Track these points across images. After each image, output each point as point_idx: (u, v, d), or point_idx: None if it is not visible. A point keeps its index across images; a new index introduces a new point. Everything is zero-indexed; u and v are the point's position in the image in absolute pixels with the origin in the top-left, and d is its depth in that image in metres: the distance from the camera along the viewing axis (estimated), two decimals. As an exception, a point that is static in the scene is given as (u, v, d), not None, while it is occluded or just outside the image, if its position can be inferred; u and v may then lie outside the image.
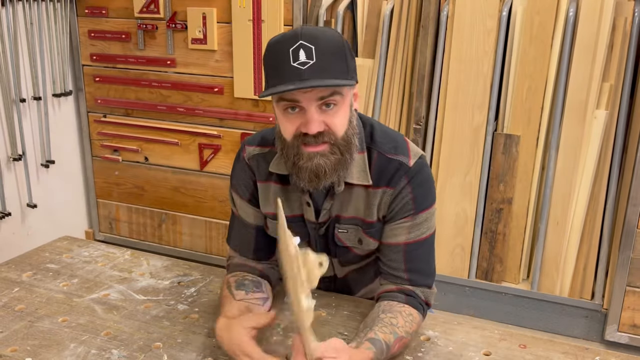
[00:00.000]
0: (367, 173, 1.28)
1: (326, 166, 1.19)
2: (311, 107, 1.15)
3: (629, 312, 2.41)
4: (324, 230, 1.35)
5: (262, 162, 1.36)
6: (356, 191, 1.30)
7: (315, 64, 1.12)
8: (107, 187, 3.18)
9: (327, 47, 1.14)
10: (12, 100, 2.68)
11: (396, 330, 1.22)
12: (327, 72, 1.13)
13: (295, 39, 1.13)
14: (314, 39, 1.13)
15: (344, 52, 1.18)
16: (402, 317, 1.25)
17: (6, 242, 2.74)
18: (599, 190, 2.45)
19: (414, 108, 2.62)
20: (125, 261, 1.65)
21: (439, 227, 2.65)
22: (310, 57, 1.12)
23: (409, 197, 1.28)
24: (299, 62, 1.12)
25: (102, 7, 2.90)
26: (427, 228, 1.31)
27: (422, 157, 1.31)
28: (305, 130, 1.16)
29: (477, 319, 2.67)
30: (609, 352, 1.27)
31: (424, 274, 1.32)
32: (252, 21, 2.60)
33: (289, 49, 1.13)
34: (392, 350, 1.20)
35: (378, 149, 1.29)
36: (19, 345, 1.26)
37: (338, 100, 1.17)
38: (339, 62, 1.16)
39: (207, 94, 2.81)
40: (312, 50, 1.13)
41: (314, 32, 1.16)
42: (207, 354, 1.23)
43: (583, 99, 2.37)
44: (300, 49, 1.13)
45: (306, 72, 1.12)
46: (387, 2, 2.64)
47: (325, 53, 1.14)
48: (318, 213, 1.33)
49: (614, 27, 2.33)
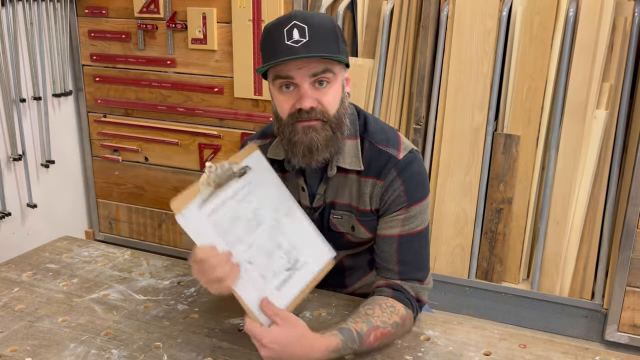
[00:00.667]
0: (359, 159, 1.32)
1: (318, 141, 1.24)
2: (304, 83, 1.21)
3: (629, 312, 2.41)
4: (317, 215, 1.38)
5: (264, 154, 1.39)
6: (350, 178, 1.34)
7: (309, 41, 1.19)
8: (107, 187, 3.18)
9: (319, 27, 1.21)
10: (12, 100, 2.68)
11: (370, 320, 1.22)
12: (321, 49, 1.19)
13: (289, 20, 1.20)
14: (306, 20, 1.20)
15: (335, 33, 1.24)
16: (380, 308, 1.25)
17: (6, 242, 2.74)
18: (599, 190, 2.45)
19: (414, 108, 2.62)
20: (125, 261, 1.65)
21: (439, 227, 2.65)
22: (304, 36, 1.19)
23: (401, 190, 1.30)
24: (292, 40, 1.19)
25: (102, 7, 2.90)
26: (421, 221, 1.33)
27: (412, 151, 1.33)
28: (300, 106, 1.22)
29: (477, 319, 2.67)
30: (609, 352, 1.27)
31: (416, 267, 1.33)
32: (252, 21, 2.60)
33: (284, 29, 1.20)
34: (368, 339, 1.20)
35: (370, 138, 1.33)
36: (19, 345, 1.26)
37: (330, 77, 1.23)
38: (331, 41, 1.22)
39: (207, 94, 2.81)
40: (305, 29, 1.19)
41: (307, 14, 1.23)
42: (207, 354, 1.23)
43: (583, 99, 2.37)
44: (294, 29, 1.19)
45: (300, 49, 1.18)
46: (387, 2, 2.64)
47: (318, 32, 1.20)
48: (313, 198, 1.37)
49: (614, 27, 2.33)
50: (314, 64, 1.20)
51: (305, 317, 1.37)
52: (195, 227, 1.14)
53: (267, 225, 1.24)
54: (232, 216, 1.19)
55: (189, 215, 1.14)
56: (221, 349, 1.25)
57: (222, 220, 1.18)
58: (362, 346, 1.19)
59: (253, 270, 1.18)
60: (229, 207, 1.19)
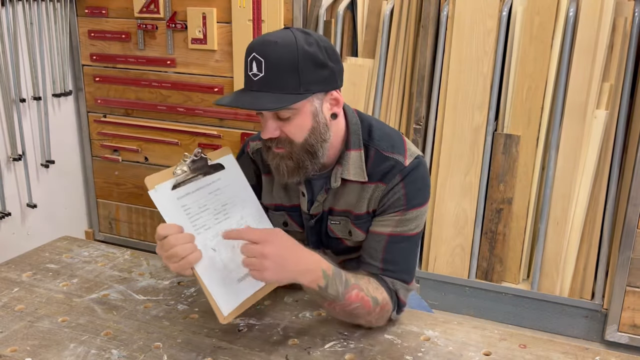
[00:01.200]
0: (363, 170, 1.31)
1: (285, 169, 1.26)
2: (267, 115, 1.22)
3: (629, 312, 2.41)
4: (314, 222, 1.38)
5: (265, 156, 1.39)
6: (350, 186, 1.33)
7: (264, 77, 1.17)
8: (107, 187, 3.18)
9: (277, 61, 1.16)
10: (12, 100, 2.68)
11: (359, 281, 1.23)
12: (275, 86, 1.17)
13: (251, 50, 1.18)
14: (265, 52, 1.16)
15: (295, 66, 1.17)
16: (368, 280, 1.27)
17: (6, 242, 2.74)
18: (599, 190, 2.45)
19: (414, 108, 2.62)
20: (125, 261, 1.65)
21: (439, 227, 2.65)
22: (260, 70, 1.17)
23: (401, 193, 1.30)
24: (252, 72, 1.18)
25: (102, 7, 2.90)
26: (416, 226, 1.32)
27: (418, 157, 1.33)
28: (262, 136, 1.24)
29: (477, 319, 2.67)
30: (609, 352, 1.27)
31: (399, 269, 1.32)
32: (252, 21, 2.60)
33: (248, 58, 1.19)
34: (350, 293, 1.20)
35: (375, 146, 1.32)
36: (19, 345, 1.26)
37: (290, 113, 1.20)
38: (288, 77, 1.17)
39: (207, 94, 2.81)
40: (262, 63, 1.16)
41: (267, 45, 1.17)
42: (207, 354, 1.23)
43: (583, 99, 2.37)
44: (253, 61, 1.18)
45: (255, 84, 1.18)
46: (387, 2, 2.64)
47: (274, 67, 1.16)
48: (311, 204, 1.37)
49: (614, 27, 2.33)
50: None
51: (305, 317, 1.37)
52: (166, 205, 1.19)
53: (233, 221, 1.27)
54: (201, 204, 1.23)
55: (162, 192, 1.19)
56: (221, 349, 1.25)
57: (192, 206, 1.22)
58: (343, 296, 1.19)
59: (217, 257, 1.21)
60: (200, 195, 1.24)
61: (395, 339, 1.30)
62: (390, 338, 1.31)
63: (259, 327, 1.33)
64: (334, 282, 1.18)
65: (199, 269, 1.17)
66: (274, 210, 1.43)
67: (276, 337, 1.29)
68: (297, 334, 1.30)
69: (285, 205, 1.41)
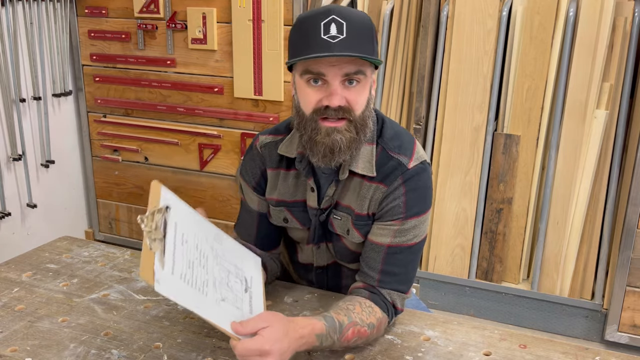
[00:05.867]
0: (372, 165, 1.29)
1: (342, 142, 1.21)
2: (335, 80, 1.18)
3: (629, 312, 2.41)
4: (325, 216, 1.36)
5: (274, 150, 1.39)
6: (355, 181, 1.32)
7: (346, 39, 1.15)
8: (107, 187, 3.18)
9: (358, 25, 1.17)
10: (12, 100, 2.68)
11: (351, 315, 1.21)
12: (357, 49, 1.15)
13: (328, 14, 1.16)
14: (346, 16, 1.16)
15: (372, 33, 1.20)
16: (360, 306, 1.24)
17: (6, 242, 2.74)
18: (599, 190, 2.45)
19: (414, 108, 2.62)
20: (125, 261, 1.65)
21: (439, 227, 2.65)
22: (341, 32, 1.15)
23: (401, 200, 1.27)
24: (329, 35, 1.15)
25: (102, 7, 2.90)
26: (414, 235, 1.29)
27: (424, 162, 1.30)
28: (328, 103, 1.19)
29: (477, 319, 2.67)
30: (609, 352, 1.27)
31: (398, 279, 1.30)
32: (252, 21, 2.60)
33: (321, 22, 1.15)
34: (346, 334, 1.19)
35: (383, 144, 1.31)
36: (19, 345, 1.26)
37: (361, 78, 1.19)
38: (368, 42, 1.18)
39: (207, 94, 2.81)
40: (344, 25, 1.15)
41: (346, 9, 1.19)
42: (207, 354, 1.23)
43: (583, 99, 2.37)
44: (332, 23, 1.15)
45: (336, 46, 1.14)
46: (387, 2, 2.64)
47: (356, 30, 1.16)
48: (321, 200, 1.35)
49: (614, 27, 2.33)
50: (347, 63, 1.16)
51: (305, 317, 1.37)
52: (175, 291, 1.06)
53: (211, 257, 1.18)
54: (187, 262, 1.11)
55: (165, 280, 1.04)
56: (221, 349, 1.25)
57: (187, 272, 1.10)
58: (340, 339, 1.18)
59: (228, 305, 1.15)
60: (180, 255, 1.10)
61: (395, 339, 1.30)
62: (390, 338, 1.31)
63: (259, 327, 1.33)
64: (327, 336, 1.16)
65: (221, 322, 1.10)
66: (274, 206, 1.41)
67: (276, 337, 1.29)
68: (297, 334, 1.30)
69: (287, 201, 1.39)
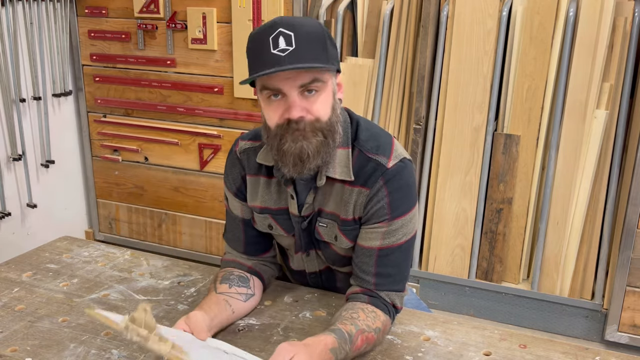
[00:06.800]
0: (349, 169, 1.28)
1: (309, 149, 1.19)
2: (293, 93, 1.17)
3: (629, 312, 2.41)
4: (306, 224, 1.35)
5: (253, 156, 1.37)
6: (336, 186, 1.30)
7: (295, 50, 1.14)
8: (107, 187, 3.18)
9: (307, 34, 1.16)
10: (12, 100, 2.68)
11: (357, 323, 1.21)
12: (307, 58, 1.15)
13: (275, 27, 1.15)
14: (292, 27, 1.15)
15: (323, 39, 1.19)
16: (364, 313, 1.24)
17: (6, 242, 2.74)
18: (599, 190, 2.45)
19: (414, 108, 2.62)
20: (125, 261, 1.65)
21: (439, 227, 2.65)
22: (290, 44, 1.14)
23: (384, 202, 1.26)
24: (278, 49, 1.14)
25: (102, 7, 2.90)
26: (403, 234, 1.29)
27: (404, 160, 1.29)
28: (288, 116, 1.18)
29: (477, 319, 2.67)
30: (609, 352, 1.27)
31: (393, 280, 1.30)
32: (252, 21, 2.60)
33: (269, 37, 1.15)
34: (356, 343, 1.18)
35: (360, 146, 1.29)
36: (19, 345, 1.26)
37: (320, 86, 1.19)
38: (318, 49, 1.17)
39: (207, 94, 2.81)
40: (292, 37, 1.14)
41: (293, 20, 1.18)
42: (207, 354, 1.23)
43: (583, 99, 2.37)
44: (280, 36, 1.14)
45: (286, 59, 1.14)
46: (387, 2, 2.64)
47: (304, 40, 1.15)
48: (301, 207, 1.34)
49: (614, 27, 2.33)
50: (301, 74, 1.15)
51: (305, 317, 1.37)
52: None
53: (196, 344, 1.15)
54: None
55: None
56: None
57: None
58: (352, 348, 1.18)
59: None
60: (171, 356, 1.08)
61: (395, 339, 1.30)
62: (390, 338, 1.31)
63: (259, 327, 1.33)
64: (341, 349, 1.16)
65: None
66: (259, 213, 1.39)
67: (276, 337, 1.29)
68: (297, 334, 1.30)
69: (271, 208, 1.38)
